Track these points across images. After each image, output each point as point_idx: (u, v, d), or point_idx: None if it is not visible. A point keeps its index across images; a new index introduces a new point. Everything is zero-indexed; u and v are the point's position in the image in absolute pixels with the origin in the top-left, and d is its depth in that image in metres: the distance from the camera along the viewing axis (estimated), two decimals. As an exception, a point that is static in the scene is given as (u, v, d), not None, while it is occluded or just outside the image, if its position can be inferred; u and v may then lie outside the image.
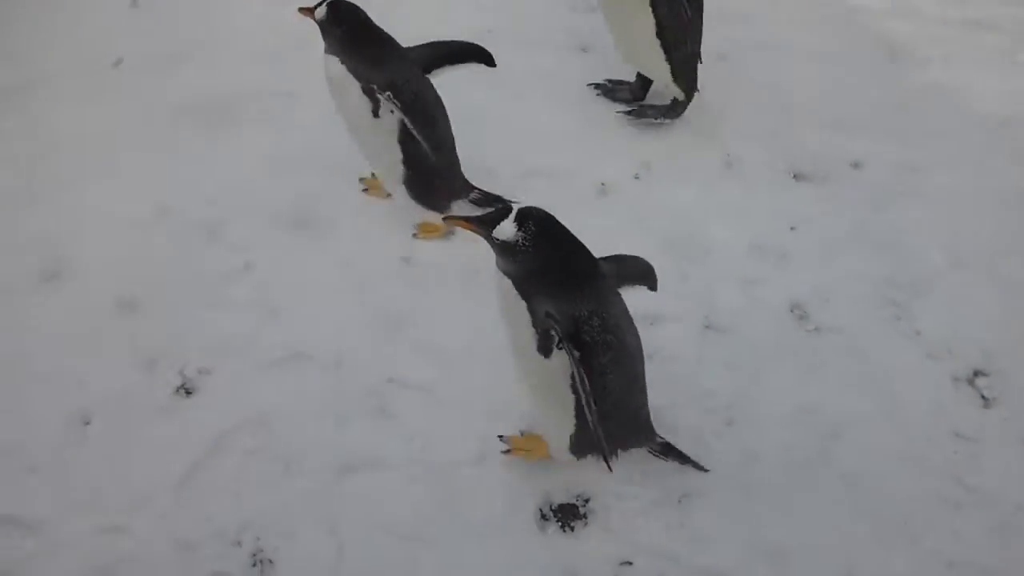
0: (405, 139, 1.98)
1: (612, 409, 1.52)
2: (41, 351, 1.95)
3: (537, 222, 1.40)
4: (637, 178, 2.40)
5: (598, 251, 1.50)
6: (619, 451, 1.67)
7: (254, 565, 1.62)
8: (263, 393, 1.88)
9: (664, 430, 1.79)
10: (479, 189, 2.20)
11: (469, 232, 1.46)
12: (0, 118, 2.53)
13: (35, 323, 2.01)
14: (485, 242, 1.44)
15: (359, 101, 1.95)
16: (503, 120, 2.54)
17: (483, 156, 2.41)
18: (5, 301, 2.05)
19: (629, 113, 2.57)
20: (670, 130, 2.53)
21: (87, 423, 1.83)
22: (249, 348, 1.96)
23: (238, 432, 1.80)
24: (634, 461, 1.74)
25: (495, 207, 1.78)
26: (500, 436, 1.80)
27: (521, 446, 1.78)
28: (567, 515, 1.71)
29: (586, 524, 1.69)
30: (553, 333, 1.43)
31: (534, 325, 1.46)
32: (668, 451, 1.74)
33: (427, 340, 1.99)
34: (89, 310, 2.02)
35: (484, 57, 2.08)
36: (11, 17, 2.92)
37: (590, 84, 2.68)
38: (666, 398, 1.85)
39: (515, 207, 1.42)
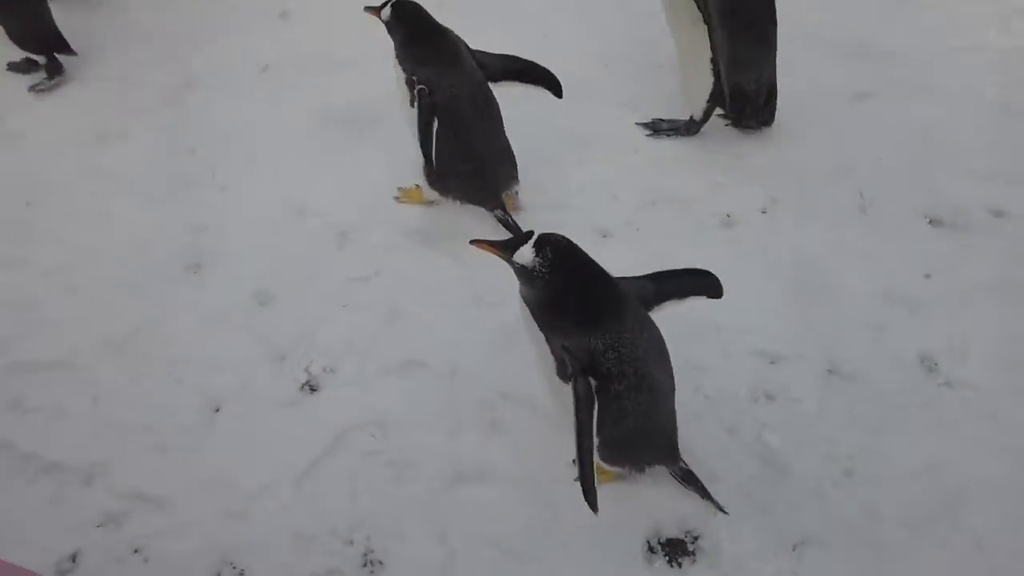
0: (421, 132, 2.10)
1: (633, 429, 1.55)
2: (179, 337, 2.07)
3: (555, 249, 1.41)
4: (764, 212, 2.36)
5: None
6: (645, 467, 1.70)
7: (364, 565, 1.67)
8: (381, 396, 1.93)
9: (779, 473, 1.75)
10: (504, 210, 2.25)
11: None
12: (163, 112, 2.72)
13: (176, 310, 2.13)
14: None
15: (402, 90, 2.11)
16: (623, 141, 2.55)
17: (608, 180, 2.43)
18: (152, 287, 2.18)
19: (646, 126, 2.58)
20: (801, 165, 2.48)
21: (216, 410, 1.92)
22: (371, 351, 2.02)
23: (356, 432, 1.86)
24: (750, 499, 1.71)
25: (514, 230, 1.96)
26: (574, 461, 1.82)
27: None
28: (675, 550, 1.69)
29: (694, 562, 1.67)
30: (569, 366, 1.43)
31: (552, 353, 1.48)
32: (689, 479, 1.72)
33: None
34: (227, 301, 2.14)
35: (554, 85, 2.18)
36: (173, 25, 3.13)
37: (638, 123, 2.63)
38: (784, 441, 1.81)
39: (536, 233, 1.43)
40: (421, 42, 2.08)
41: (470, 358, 2.00)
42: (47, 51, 2.82)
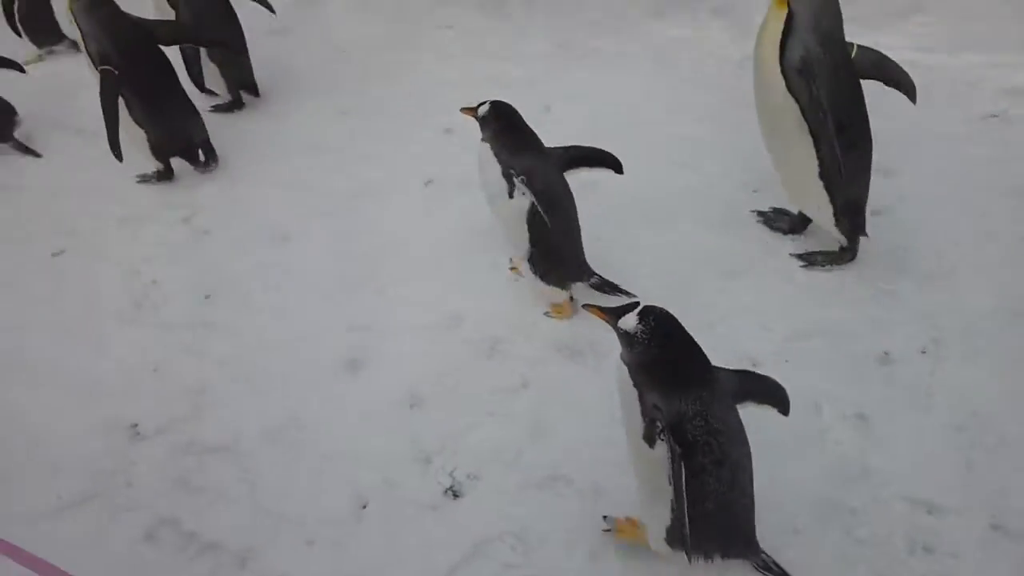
0: (533, 220, 2.24)
1: (712, 512, 1.58)
2: (334, 431, 2.17)
3: (657, 319, 1.54)
4: (924, 352, 2.28)
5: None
6: (718, 556, 1.69)
7: None
8: (523, 509, 1.95)
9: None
10: (599, 275, 2.39)
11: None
12: (344, 218, 2.94)
13: (332, 405, 2.24)
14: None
15: (499, 182, 2.26)
16: (775, 269, 2.55)
17: (757, 307, 2.41)
18: (312, 381, 2.31)
19: (800, 258, 2.56)
20: (966, 304, 2.39)
21: (364, 506, 1.99)
22: (515, 462, 2.05)
23: (497, 543, 1.88)
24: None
25: (614, 292, 2.28)
26: (604, 516, 1.85)
27: (625, 529, 1.82)
28: None
29: None
30: (657, 423, 1.51)
31: (643, 414, 1.55)
32: (773, 570, 1.70)
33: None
34: (380, 400, 2.23)
35: (615, 164, 2.34)
36: (344, 136, 3.41)
37: (753, 211, 2.67)
38: (943, 599, 1.71)
39: (641, 303, 1.57)
40: (514, 137, 2.29)
41: (613, 480, 1.99)
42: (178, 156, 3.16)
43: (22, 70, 3.43)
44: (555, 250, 2.32)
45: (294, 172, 3.19)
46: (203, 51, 3.40)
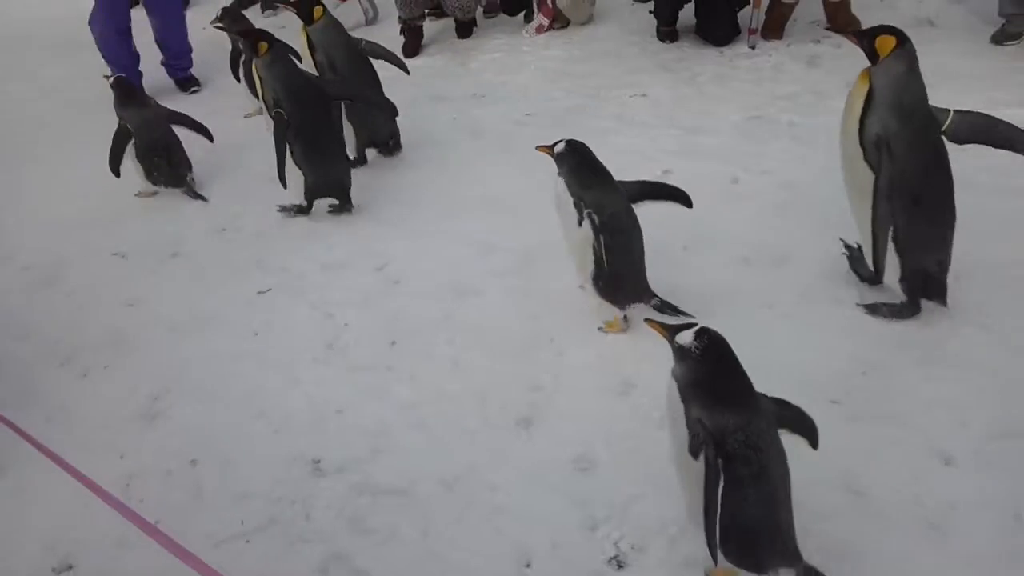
0: (597, 248, 2.49)
1: (752, 524, 1.69)
2: (503, 487, 2.20)
3: (711, 338, 1.68)
4: None
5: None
6: (767, 568, 1.76)
7: None
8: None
9: None
10: (659, 297, 2.64)
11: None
12: (514, 276, 3.00)
13: (503, 460, 2.28)
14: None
15: (570, 211, 2.51)
16: (975, 360, 2.37)
17: (959, 400, 2.24)
18: (485, 434, 2.36)
19: (866, 307, 2.62)
20: None
21: (527, 565, 1.99)
22: (680, 537, 1.99)
23: (659, 620, 1.83)
24: None
25: (674, 314, 2.56)
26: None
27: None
28: None
29: None
30: (701, 435, 1.65)
31: (688, 426, 1.69)
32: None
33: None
34: (550, 460, 2.25)
35: (683, 198, 2.59)
36: (528, 201, 3.47)
37: (843, 241, 2.78)
38: None
39: (699, 323, 1.72)
40: (585, 171, 2.51)
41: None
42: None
43: (211, 138, 3.89)
44: (616, 274, 2.56)
45: (475, 230, 3.31)
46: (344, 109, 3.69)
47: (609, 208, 2.49)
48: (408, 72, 3.97)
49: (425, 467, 2.28)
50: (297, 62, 3.55)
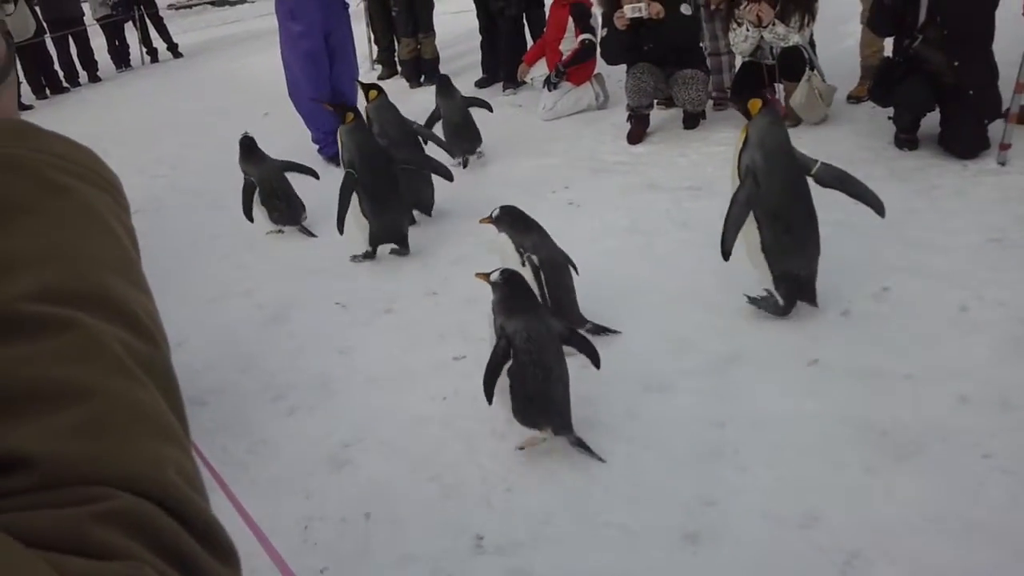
0: (538, 282, 3.10)
1: (530, 394, 2.56)
2: None
3: (510, 274, 2.64)
4: None
5: None
6: (547, 428, 2.62)
7: None
8: None
9: None
10: (591, 322, 3.24)
11: None
12: (706, 378, 2.91)
13: (668, 573, 2.20)
14: None
15: (513, 254, 3.17)
16: None
17: None
18: (652, 545, 2.29)
19: (750, 299, 3.26)
20: None
21: None
22: None
23: None
24: None
25: (605, 333, 3.23)
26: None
27: None
28: None
29: None
30: (498, 332, 2.57)
31: (494, 329, 2.61)
32: (580, 444, 2.62)
33: None
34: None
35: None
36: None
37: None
38: None
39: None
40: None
41: None
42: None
43: (317, 176, 4.74)
44: (555, 302, 3.14)
45: (669, 325, 3.26)
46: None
47: (540, 253, 3.15)
48: (454, 157, 4.96)
49: (582, 564, 2.25)
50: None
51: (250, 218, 4.61)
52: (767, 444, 2.58)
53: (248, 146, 4.63)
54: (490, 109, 5.47)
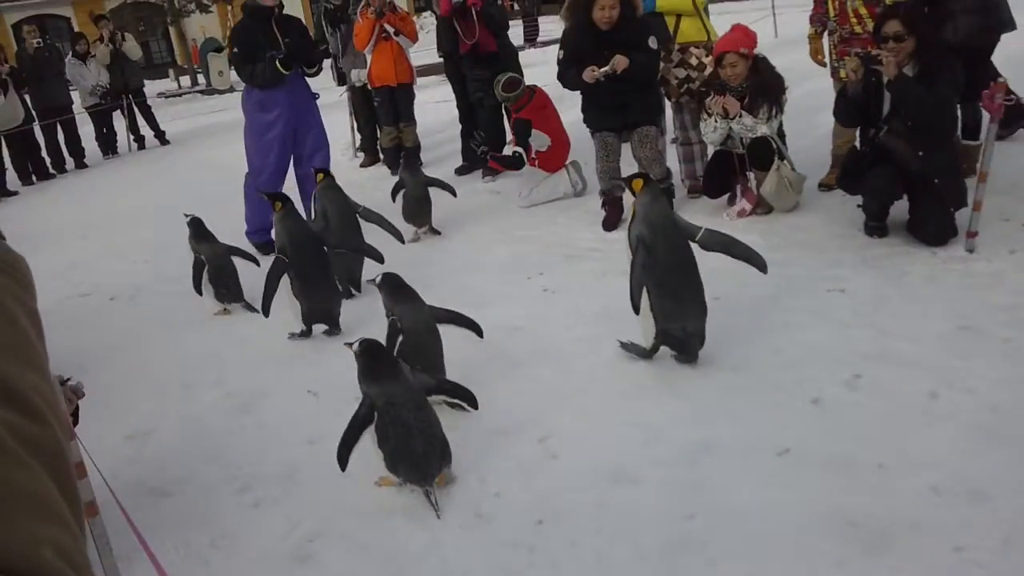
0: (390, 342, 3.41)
1: (393, 450, 2.86)
2: None
3: (367, 344, 2.97)
4: None
5: None
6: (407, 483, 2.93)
7: None
8: None
9: None
10: (449, 381, 3.33)
11: None
12: (676, 468, 2.86)
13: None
14: None
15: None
16: None
17: None
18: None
19: (622, 345, 3.67)
20: None
21: None
22: None
23: None
24: None
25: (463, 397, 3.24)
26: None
27: None
28: None
29: None
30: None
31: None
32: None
33: None
34: None
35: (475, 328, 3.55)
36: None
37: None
38: None
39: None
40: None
41: None
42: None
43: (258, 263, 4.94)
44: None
45: (645, 414, 3.23)
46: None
47: (408, 318, 3.45)
48: (403, 242, 5.06)
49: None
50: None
51: (199, 292, 4.83)
52: (738, 536, 2.53)
53: (196, 226, 4.83)
54: (453, 193, 5.77)
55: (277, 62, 5.41)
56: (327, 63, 8.64)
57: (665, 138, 5.92)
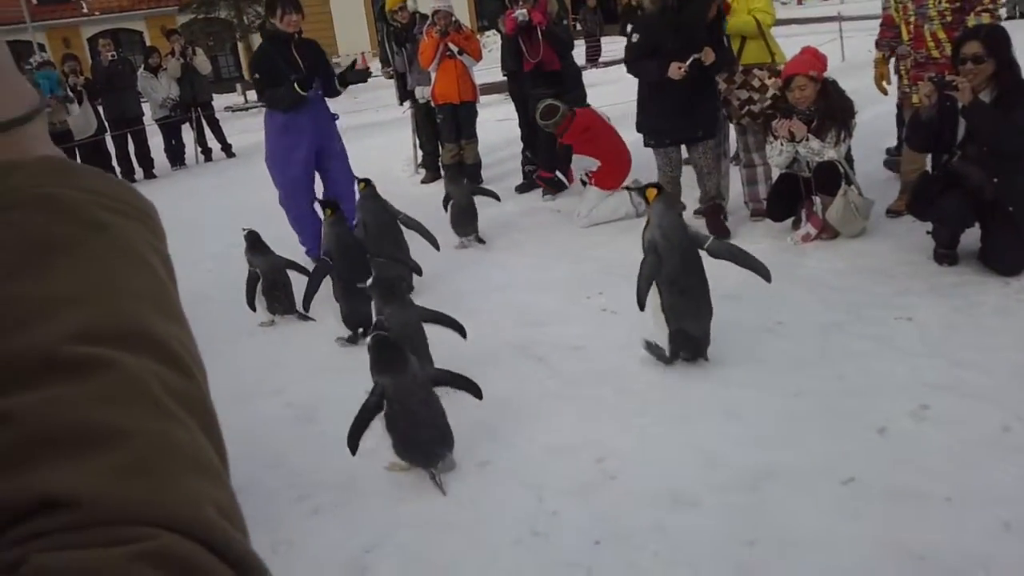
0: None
1: (401, 435, 3.09)
2: None
3: (378, 338, 3.16)
4: None
5: None
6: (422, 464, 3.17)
7: None
8: None
9: None
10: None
11: None
12: (735, 494, 2.82)
13: None
14: None
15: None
16: None
17: None
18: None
19: (648, 346, 3.77)
20: None
21: None
22: None
23: None
24: None
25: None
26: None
27: None
28: None
29: None
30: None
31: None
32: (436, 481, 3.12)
33: None
34: None
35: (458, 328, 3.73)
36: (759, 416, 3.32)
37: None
38: None
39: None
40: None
41: None
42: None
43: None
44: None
45: (705, 439, 3.20)
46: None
47: (394, 320, 3.59)
48: (438, 248, 5.12)
49: None
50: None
51: (252, 308, 4.94)
52: (799, 565, 2.48)
53: (253, 240, 4.95)
54: (497, 199, 6.08)
55: (296, 84, 5.59)
56: (391, 82, 8.77)
57: (728, 160, 5.88)
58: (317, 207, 5.52)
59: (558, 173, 6.30)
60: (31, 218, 0.53)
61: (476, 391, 3.25)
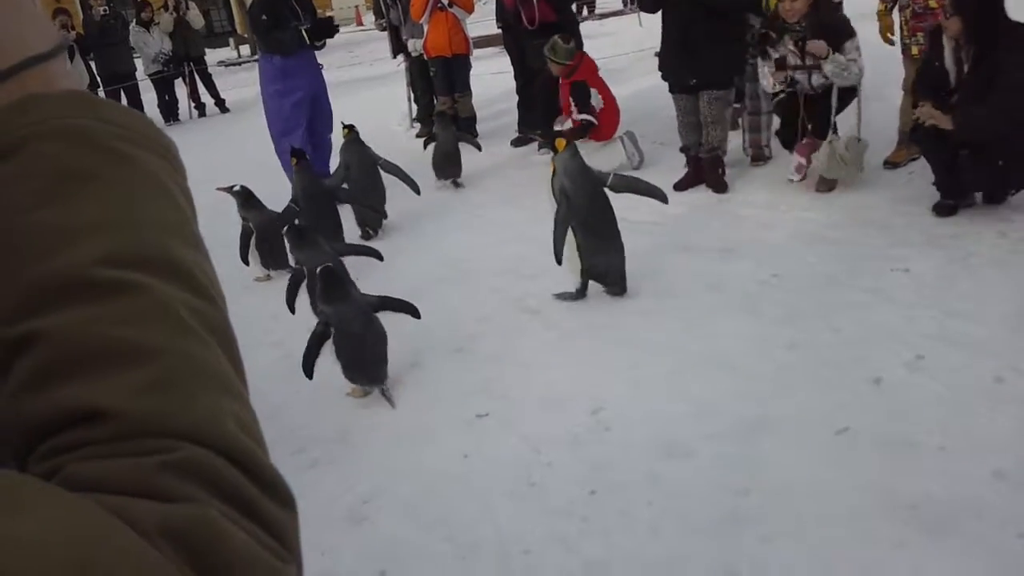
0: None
1: (348, 358, 3.38)
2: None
3: (323, 272, 3.37)
4: None
5: None
6: (367, 384, 3.52)
7: None
8: None
9: None
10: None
11: None
12: (728, 441, 2.84)
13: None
14: None
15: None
16: None
17: None
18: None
19: (557, 295, 4.08)
20: None
21: None
22: None
23: None
24: None
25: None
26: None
27: None
28: None
29: None
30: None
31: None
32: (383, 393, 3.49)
33: None
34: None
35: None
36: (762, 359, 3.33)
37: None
38: None
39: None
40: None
41: None
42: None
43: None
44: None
45: (698, 389, 3.21)
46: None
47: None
48: (419, 192, 5.36)
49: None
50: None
51: (246, 262, 4.97)
52: (792, 514, 2.50)
53: (245, 195, 4.98)
54: (478, 148, 6.31)
55: (304, 32, 5.78)
56: (383, 35, 8.67)
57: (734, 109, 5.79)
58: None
59: (584, 116, 6.06)
60: (58, 148, 0.56)
61: (414, 312, 3.51)
